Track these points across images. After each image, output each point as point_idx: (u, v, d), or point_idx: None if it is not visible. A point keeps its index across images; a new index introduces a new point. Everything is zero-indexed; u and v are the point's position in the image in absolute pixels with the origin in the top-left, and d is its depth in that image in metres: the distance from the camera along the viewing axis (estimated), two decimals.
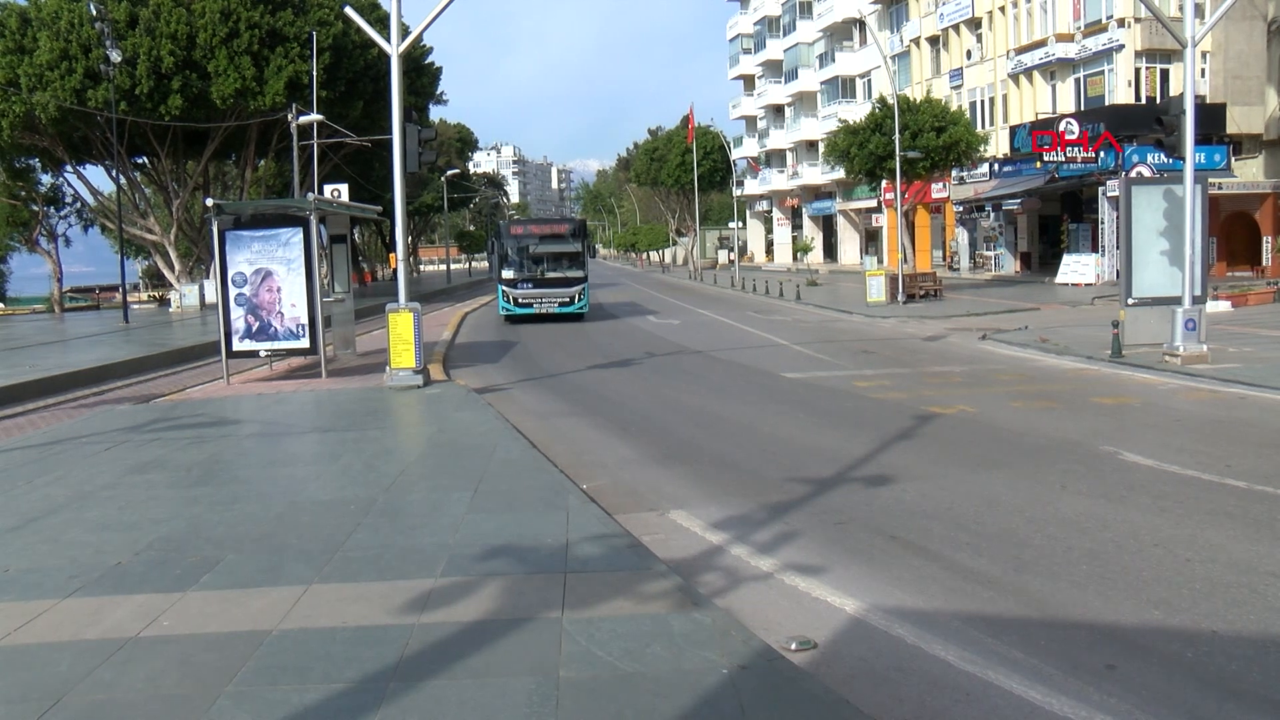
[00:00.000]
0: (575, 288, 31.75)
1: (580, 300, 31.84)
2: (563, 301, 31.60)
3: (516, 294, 31.70)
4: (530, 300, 31.64)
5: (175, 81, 39.38)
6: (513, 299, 31.74)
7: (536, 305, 31.62)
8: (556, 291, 31.68)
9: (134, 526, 8.20)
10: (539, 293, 31.61)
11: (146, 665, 5.34)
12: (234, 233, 17.95)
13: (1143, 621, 5.90)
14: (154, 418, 14.35)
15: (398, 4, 17.33)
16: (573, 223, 34.50)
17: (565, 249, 32.38)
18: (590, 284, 34.31)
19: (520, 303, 31.66)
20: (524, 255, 31.94)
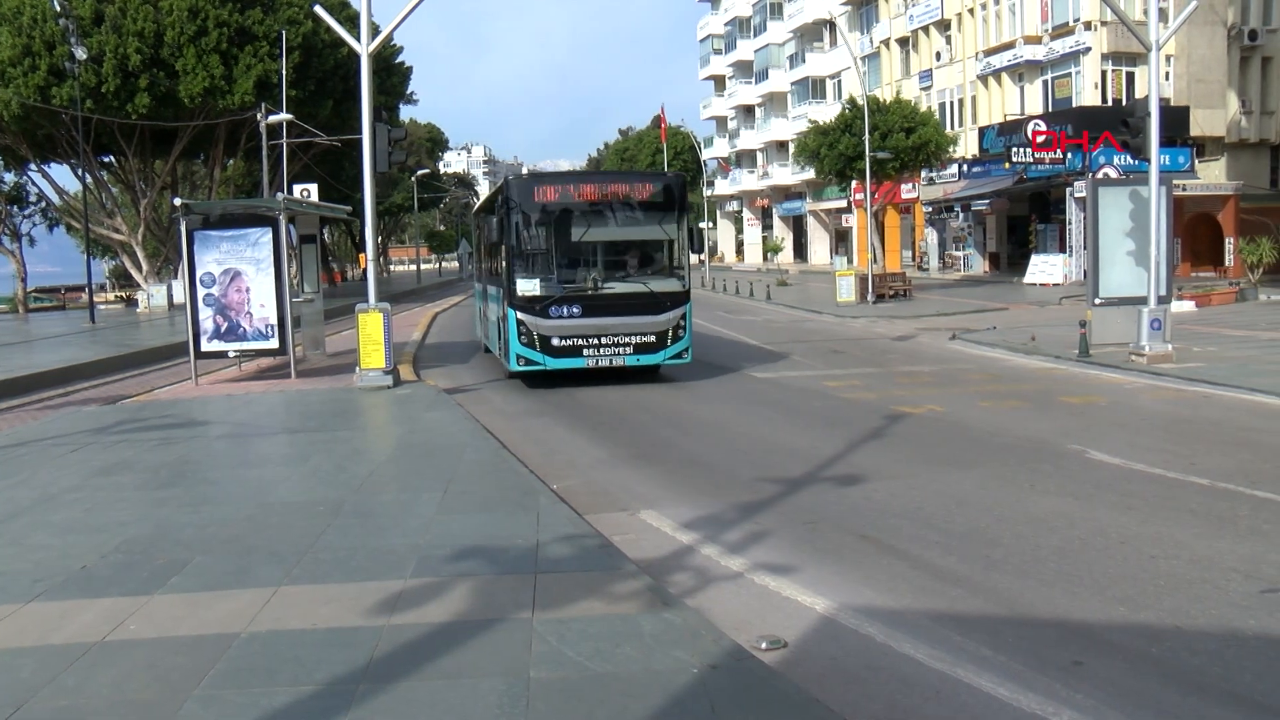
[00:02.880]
0: (665, 315, 16.19)
1: (675, 340, 16.30)
2: (642, 344, 16.20)
3: (547, 329, 15.92)
4: (577, 340, 16.05)
5: (142, 80, 38.98)
6: (538, 338, 15.94)
7: (590, 352, 16.13)
8: (628, 323, 16.13)
9: (100, 529, 8.11)
10: (595, 325, 16.03)
11: (112, 670, 5.28)
12: (202, 232, 17.81)
13: (1109, 618, 5.96)
14: (121, 419, 14.20)
15: (368, 3, 17.26)
16: (658, 181, 17.10)
17: (644, 233, 16.88)
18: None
19: (556, 346, 16.00)
20: (560, 246, 16.58)
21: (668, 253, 16.95)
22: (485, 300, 21.04)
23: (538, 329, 15.87)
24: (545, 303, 15.83)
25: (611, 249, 16.98)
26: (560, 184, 16.87)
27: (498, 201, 17.19)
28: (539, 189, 16.32)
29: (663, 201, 16.49)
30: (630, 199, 16.50)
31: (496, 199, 17.72)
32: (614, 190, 16.66)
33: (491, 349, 19.87)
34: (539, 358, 16.01)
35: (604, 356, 16.11)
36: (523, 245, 16.14)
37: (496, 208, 17.08)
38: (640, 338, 16.18)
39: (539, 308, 15.80)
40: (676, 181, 16.90)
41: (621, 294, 16.21)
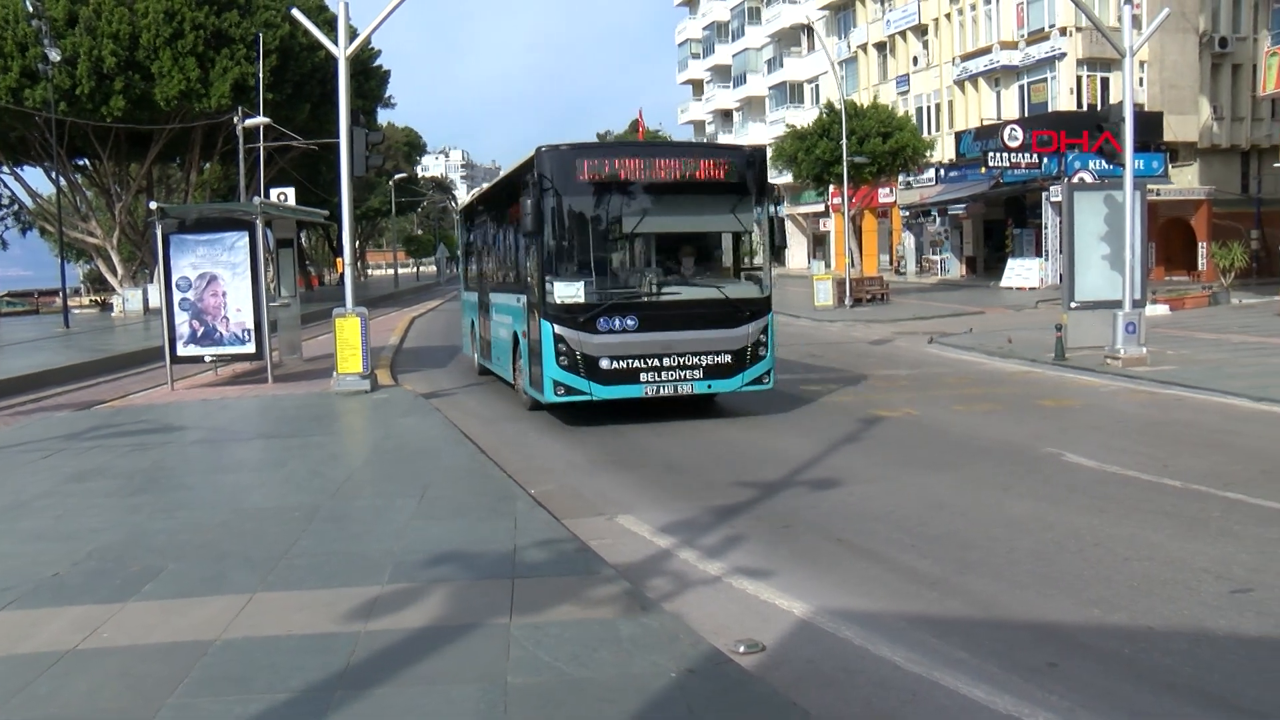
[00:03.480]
0: (743, 328, 13.05)
1: (755, 361, 13.12)
2: (715, 366, 12.87)
3: (594, 347, 12.54)
4: (633, 361, 12.63)
5: (117, 82, 38.77)
6: (582, 359, 12.54)
7: (649, 377, 12.68)
8: (698, 339, 12.81)
9: (72, 536, 8.03)
10: (656, 342, 12.66)
11: (85, 678, 5.23)
12: (178, 236, 17.73)
13: (1083, 620, 6.00)
14: (95, 424, 14.09)
15: (345, 6, 17.19)
16: (735, 157, 13.77)
17: (715, 223, 13.73)
18: None
19: (605, 370, 12.58)
20: (608, 239, 13.46)
21: (744, 248, 14.13)
22: (485, 313, 17.53)
23: (582, 347, 12.25)
24: (592, 313, 12.30)
25: (673, 243, 13.51)
26: (611, 157, 13.12)
27: (525, 181, 13.33)
28: (583, 164, 12.58)
29: (739, 183, 13.10)
30: (699, 179, 12.96)
31: (521, 179, 13.82)
32: (679, 167, 12.95)
33: (499, 373, 16.43)
34: (582, 385, 12.33)
35: (667, 383, 12.51)
36: (560, 237, 12.57)
37: (523, 189, 13.43)
38: (713, 357, 12.67)
39: (583, 319, 12.28)
40: (757, 159, 13.54)
41: (689, 301, 12.83)
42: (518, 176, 14.38)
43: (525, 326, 13.61)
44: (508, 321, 15.15)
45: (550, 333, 12.41)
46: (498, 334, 16.25)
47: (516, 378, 14.80)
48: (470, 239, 20.66)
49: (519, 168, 14.26)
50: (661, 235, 13.44)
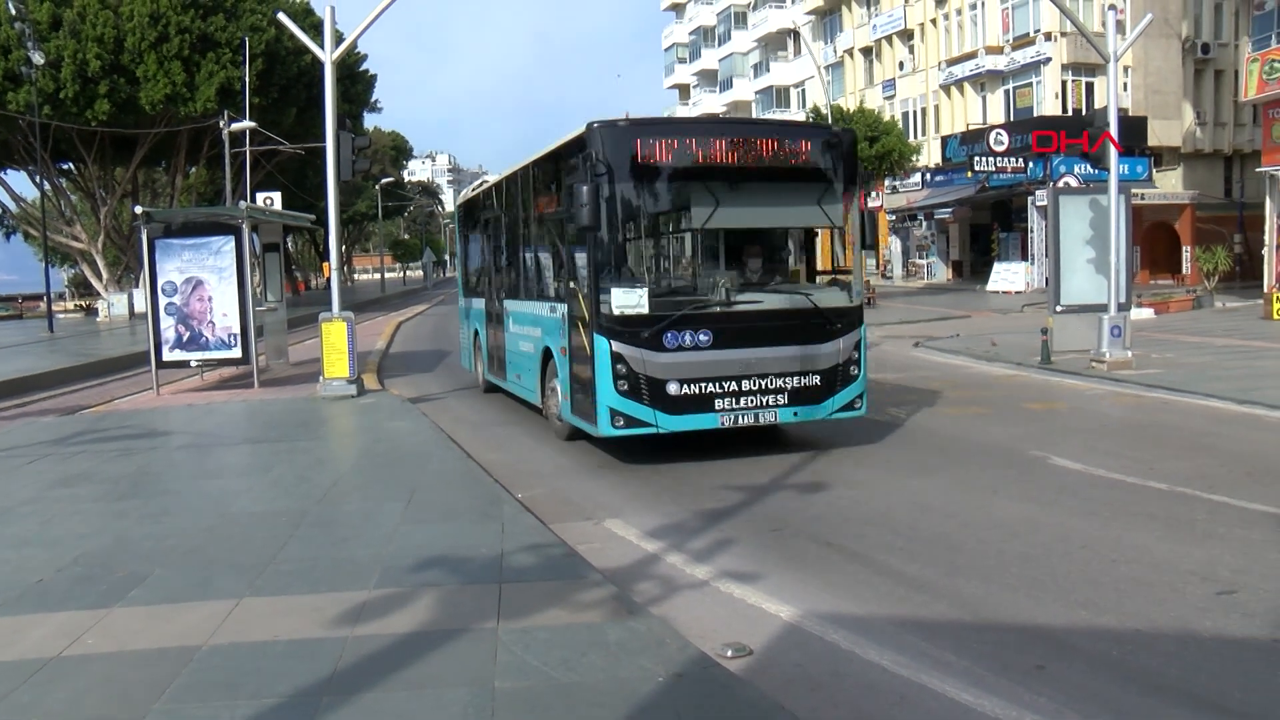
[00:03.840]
0: (834, 343, 11.00)
1: (845, 382, 11.10)
2: (802, 390, 10.83)
3: (662, 367, 10.38)
4: (708, 384, 10.51)
5: (102, 86, 38.61)
6: (646, 382, 10.36)
7: (726, 404, 10.58)
8: (782, 356, 10.74)
9: (57, 542, 7.99)
10: (735, 361, 10.57)
11: (68, 685, 5.19)
12: (164, 241, 17.67)
13: (1071, 622, 6.02)
14: (80, 429, 14.02)
15: (331, 10, 17.17)
16: (822, 137, 11.38)
17: (798, 216, 11.77)
18: None
19: (675, 396, 10.41)
20: (673, 236, 12.91)
21: (830, 248, 12.62)
22: (497, 324, 15.33)
23: (647, 368, 10.18)
24: (658, 326, 10.20)
25: (749, 241, 11.70)
26: (681, 136, 10.68)
27: (569, 165, 11.18)
28: (645, 143, 10.36)
29: (827, 168, 10.97)
30: (783, 163, 10.84)
31: (562, 163, 11.62)
32: (763, 148, 10.78)
33: (518, 393, 14.37)
34: (646, 414, 10.21)
35: (746, 410, 10.48)
36: (617, 234, 10.54)
37: (565, 175, 11.41)
38: (800, 379, 10.66)
39: (647, 334, 10.17)
40: (847, 140, 11.25)
41: (773, 311, 10.75)
42: (556, 161, 11.99)
43: (564, 341, 11.41)
44: (534, 335, 13.00)
45: (606, 351, 10.18)
46: (517, 349, 14.06)
47: (547, 401, 12.60)
48: (474, 239, 17.83)
49: (560, 150, 11.71)
50: (737, 232, 11.61)
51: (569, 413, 11.49)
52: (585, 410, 10.83)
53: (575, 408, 11.25)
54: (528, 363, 13.40)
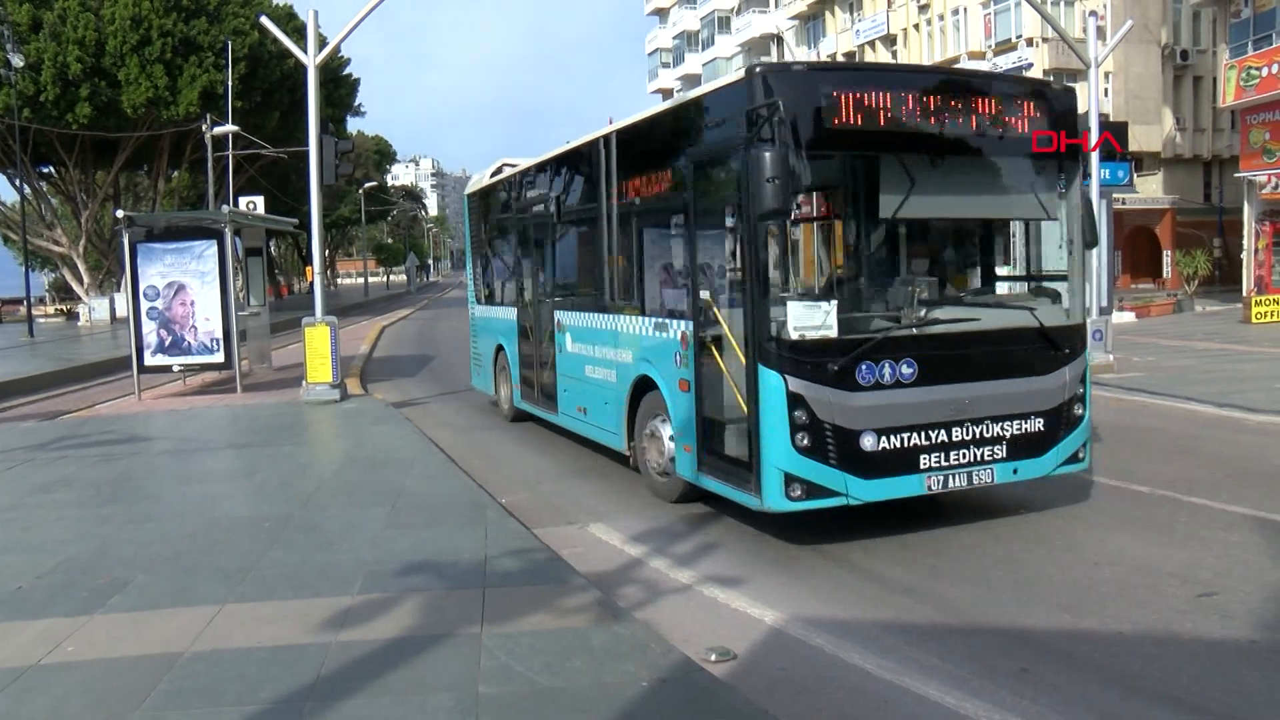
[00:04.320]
0: (1056, 375, 8.19)
1: (1069, 426, 8.25)
2: (1021, 438, 7.96)
3: (857, 412, 7.37)
4: (912, 434, 7.56)
5: (83, 89, 38.40)
6: (833, 433, 7.32)
7: (934, 460, 7.63)
8: (998, 394, 7.87)
9: (38, 548, 7.93)
10: (945, 402, 7.66)
11: (48, 693, 5.16)
12: (146, 245, 17.60)
13: (1054, 625, 6.05)
14: (61, 435, 13.93)
15: (314, 14, 17.13)
16: (1043, 96, 8.23)
17: (1013, 205, 8.69)
18: None
19: (871, 453, 7.41)
20: (860, 227, 9.18)
21: (1044, 246, 9.12)
22: (545, 340, 12.50)
23: (836, 414, 7.32)
24: (851, 355, 7.37)
25: (948, 238, 9.37)
26: (870, 88, 7.65)
27: (716, 126, 8.21)
28: (828, 97, 7.44)
29: (1047, 138, 8.13)
30: (995, 131, 7.97)
31: (701, 121, 8.51)
32: (971, 109, 7.92)
33: (579, 430, 11.64)
34: (834, 479, 7.34)
35: (958, 469, 7.74)
36: (790, 226, 7.59)
37: (698, 139, 8.49)
38: (1020, 423, 7.98)
39: (837, 367, 7.34)
40: (1069, 105, 8.42)
41: (988, 333, 8.02)
42: (680, 124, 8.92)
43: (686, 372, 8.50)
44: (619, 359, 10.10)
45: (780, 391, 7.22)
46: (582, 375, 11.16)
47: (640, 448, 9.66)
48: (500, 235, 14.87)
49: (689, 108, 8.69)
50: (928, 225, 8.92)
51: (693, 470, 8.45)
52: (734, 473, 7.83)
53: (710, 466, 8.22)
54: (604, 395, 10.52)
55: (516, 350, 13.74)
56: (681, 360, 8.65)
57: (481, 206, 15.84)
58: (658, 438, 9.27)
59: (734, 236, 7.78)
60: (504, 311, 14.37)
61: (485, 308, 15.61)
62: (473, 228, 16.47)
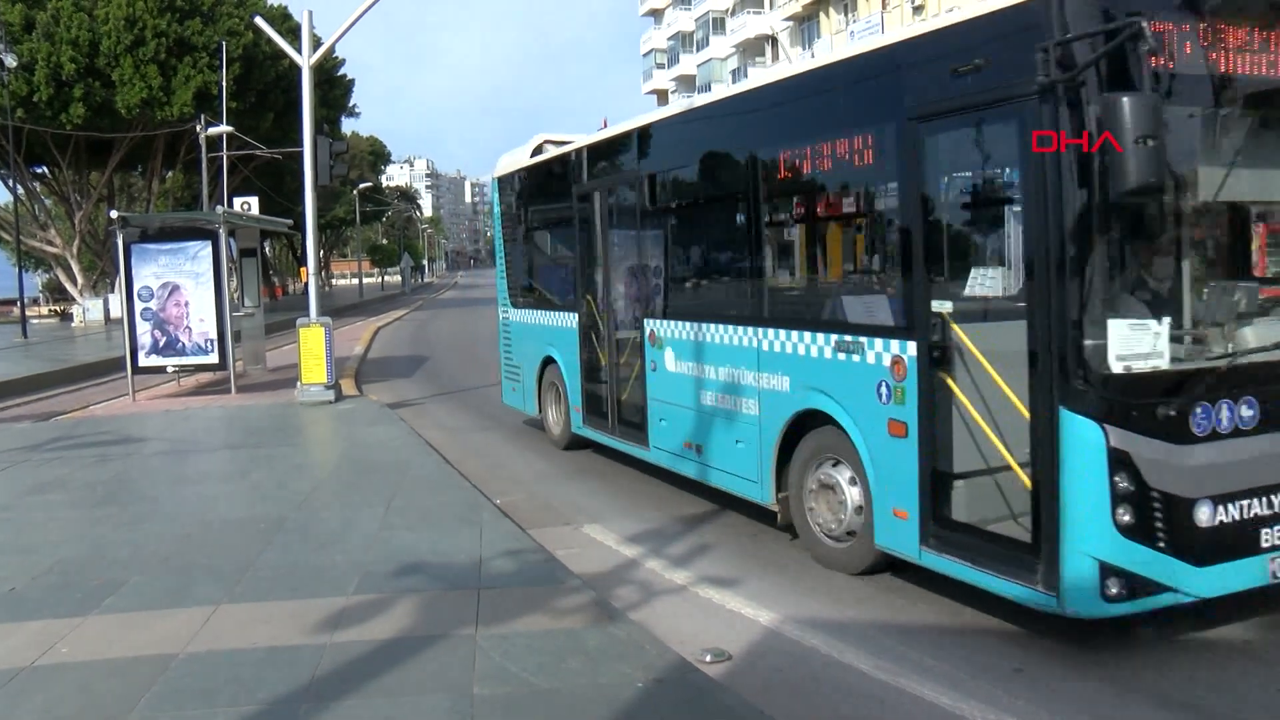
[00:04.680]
0: None
1: None
2: None
3: (1188, 477, 5.30)
4: (1255, 501, 5.44)
5: (77, 89, 38.27)
6: (1162, 502, 5.25)
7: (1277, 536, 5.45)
8: None
9: (32, 550, 7.92)
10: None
11: (41, 695, 5.15)
12: (140, 245, 17.57)
13: (1048, 625, 6.04)
14: (55, 436, 13.90)
15: (309, 15, 17.12)
16: None
17: None
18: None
19: (1204, 530, 5.31)
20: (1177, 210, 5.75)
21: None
22: (623, 354, 10.55)
23: (1169, 476, 5.34)
24: (1187, 394, 5.42)
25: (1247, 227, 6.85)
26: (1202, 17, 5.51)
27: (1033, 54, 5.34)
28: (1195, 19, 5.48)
29: None
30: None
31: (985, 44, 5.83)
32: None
33: (712, 476, 8.86)
34: (1165, 568, 5.30)
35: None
36: (1104, 207, 5.31)
37: (984, 80, 5.82)
38: None
39: (1171, 411, 5.36)
40: None
41: None
42: (918, 61, 6.46)
43: (907, 410, 6.44)
44: (766, 386, 7.90)
45: (1098, 447, 5.30)
46: (692, 402, 9.00)
47: (809, 505, 7.47)
48: (550, 224, 12.93)
49: (953, 32, 6.16)
50: (1237, 208, 6.38)
51: (912, 543, 6.42)
52: (998, 555, 5.83)
53: (944, 541, 6.20)
54: (736, 430, 8.36)
55: (577, 364, 11.43)
56: (892, 394, 6.53)
57: (522, 191, 13.32)
58: (834, 491, 7.14)
59: (1021, 223, 5.71)
60: (557, 316, 12.07)
61: (527, 311, 13.17)
62: (507, 217, 13.79)
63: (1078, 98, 5.21)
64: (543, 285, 13.06)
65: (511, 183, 13.57)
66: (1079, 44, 5.20)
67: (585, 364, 11.34)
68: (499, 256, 14.15)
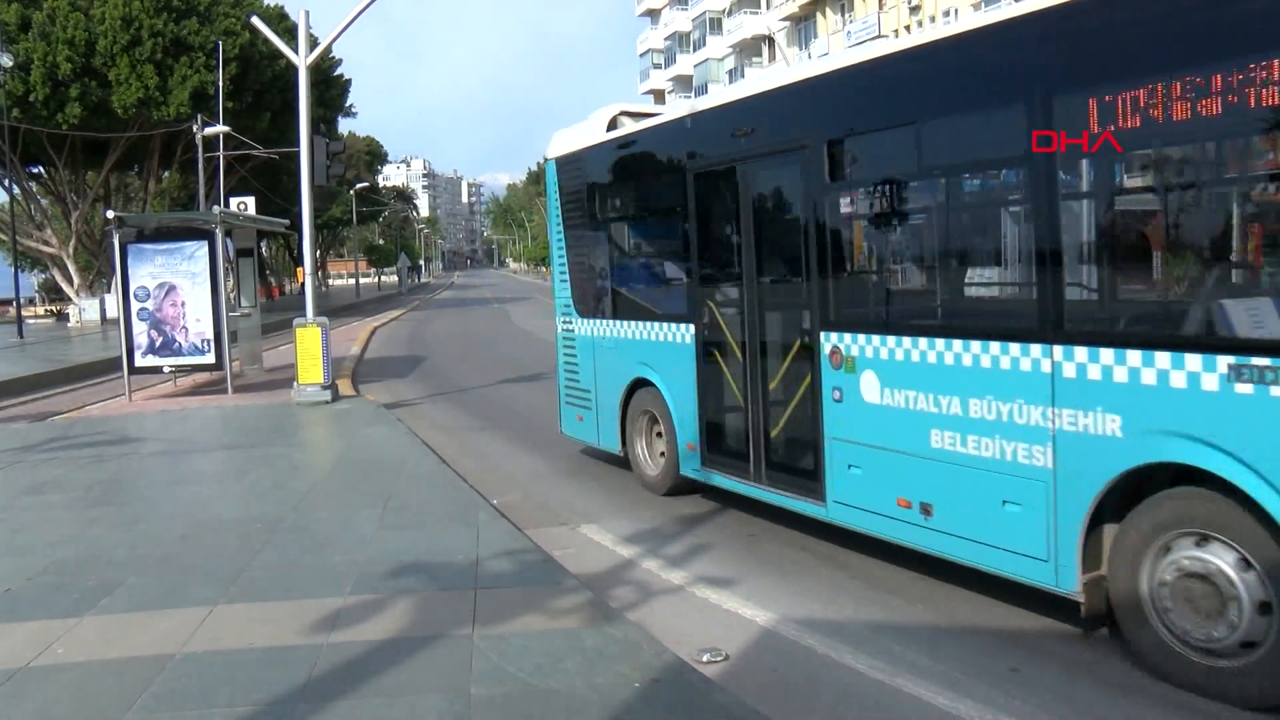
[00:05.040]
0: None
1: None
2: None
3: None
4: None
5: (73, 89, 38.24)
6: None
7: None
8: None
9: (27, 550, 7.91)
10: None
11: (38, 696, 5.14)
12: (137, 246, 17.55)
13: (1044, 625, 6.06)
14: (51, 436, 13.89)
15: (306, 15, 17.11)
16: None
17: None
18: (501, 300, 13.55)
19: None
20: None
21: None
22: (752, 374, 8.39)
23: None
24: None
25: None
26: None
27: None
28: None
29: None
30: None
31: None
32: None
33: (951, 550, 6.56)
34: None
35: None
36: None
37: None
38: None
39: None
40: None
41: None
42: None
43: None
44: (1064, 426, 5.71)
45: None
46: (919, 447, 6.66)
47: (1162, 610, 5.31)
48: (653, 209, 10.18)
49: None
50: None
51: None
52: None
53: None
54: (1001, 488, 6.06)
55: (691, 388, 9.00)
56: None
57: (597, 174, 10.75)
58: (1214, 584, 5.05)
59: None
60: (657, 328, 9.62)
61: (604, 321, 10.60)
62: (571, 206, 11.20)
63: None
64: (631, 288, 10.38)
65: (578, 165, 10.96)
66: None
67: (706, 388, 8.87)
68: (557, 256, 11.56)
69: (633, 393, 10.09)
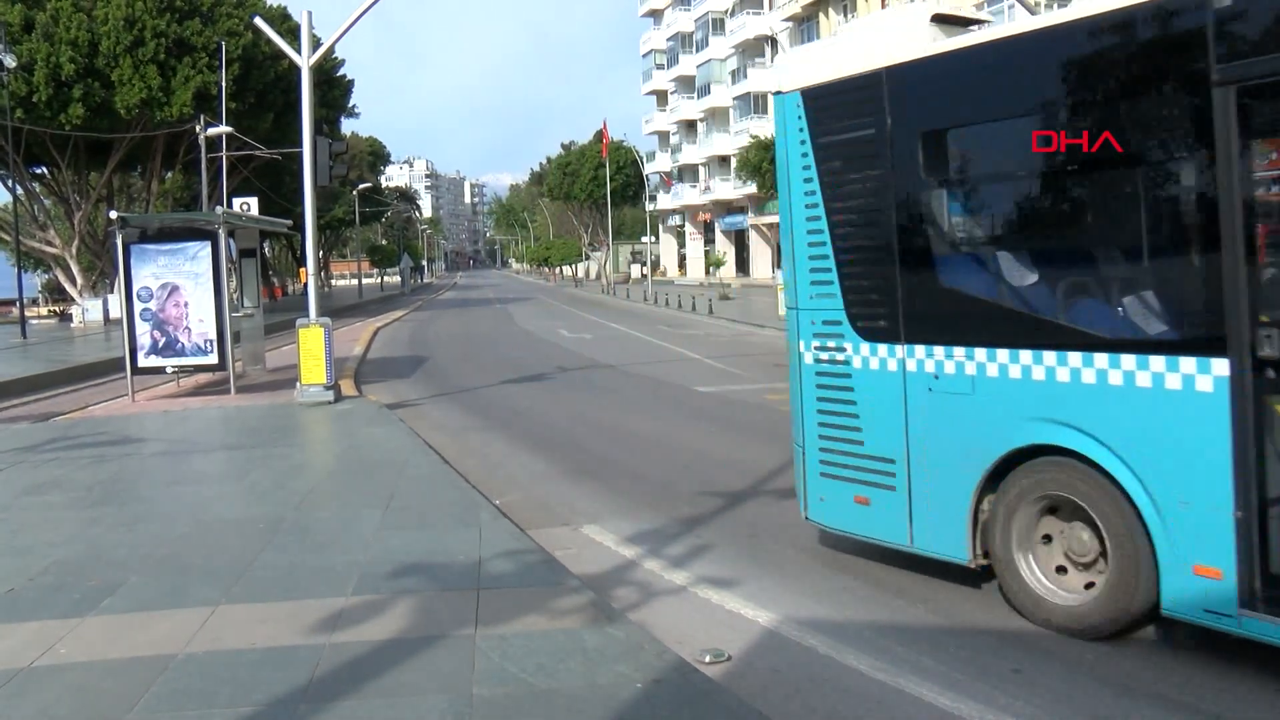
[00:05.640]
0: None
1: None
2: None
3: None
4: None
5: (76, 90, 38.27)
6: None
7: None
8: None
9: (28, 550, 7.91)
10: None
11: (39, 696, 5.15)
12: (139, 246, 17.56)
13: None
14: (52, 436, 13.90)
15: (308, 15, 17.12)
16: None
17: None
18: (504, 300, 13.55)
19: None
20: None
21: None
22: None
23: None
24: None
25: None
26: None
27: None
28: None
29: None
30: None
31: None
32: None
33: None
34: None
35: None
36: None
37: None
38: None
39: None
40: None
41: None
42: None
43: None
44: None
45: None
46: None
47: None
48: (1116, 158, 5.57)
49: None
50: None
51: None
52: None
53: None
54: None
55: (1226, 471, 5.03)
56: None
57: (934, 103, 6.53)
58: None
59: None
60: (1107, 364, 5.54)
61: (938, 349, 6.45)
62: (850, 158, 6.99)
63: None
64: (1024, 295, 6.26)
65: (872, 92, 6.71)
66: None
67: (1264, 472, 4.98)
68: (805, 240, 7.28)
69: (1008, 469, 6.18)
